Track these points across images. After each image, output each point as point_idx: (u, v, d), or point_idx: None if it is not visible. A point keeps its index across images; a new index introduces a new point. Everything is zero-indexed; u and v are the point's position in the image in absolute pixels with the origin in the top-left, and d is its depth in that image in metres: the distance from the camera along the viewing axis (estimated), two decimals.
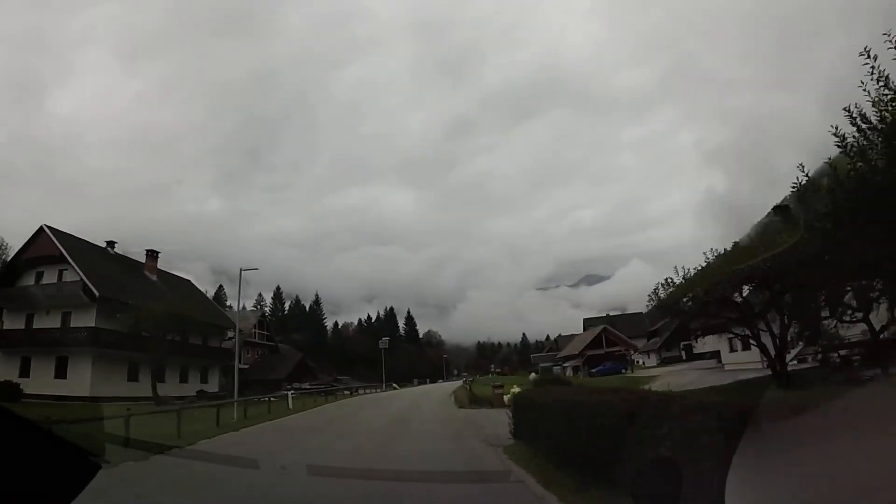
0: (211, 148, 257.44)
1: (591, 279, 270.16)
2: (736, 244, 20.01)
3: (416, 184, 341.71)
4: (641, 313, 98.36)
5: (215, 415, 21.13)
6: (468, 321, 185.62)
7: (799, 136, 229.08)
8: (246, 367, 56.29)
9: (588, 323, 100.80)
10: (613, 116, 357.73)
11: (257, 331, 60.60)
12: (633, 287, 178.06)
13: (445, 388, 52.35)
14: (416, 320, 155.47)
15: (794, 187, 10.58)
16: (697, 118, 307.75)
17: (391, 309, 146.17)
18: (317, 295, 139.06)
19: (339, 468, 9.70)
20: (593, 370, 47.50)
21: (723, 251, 19.78)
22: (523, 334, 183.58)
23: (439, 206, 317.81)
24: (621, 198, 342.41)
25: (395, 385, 73.63)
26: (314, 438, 16.56)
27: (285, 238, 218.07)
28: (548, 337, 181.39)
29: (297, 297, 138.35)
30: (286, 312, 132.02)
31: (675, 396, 6.57)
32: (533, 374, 58.97)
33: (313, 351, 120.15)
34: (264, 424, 21.67)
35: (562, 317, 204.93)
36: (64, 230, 38.52)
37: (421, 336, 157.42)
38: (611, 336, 48.36)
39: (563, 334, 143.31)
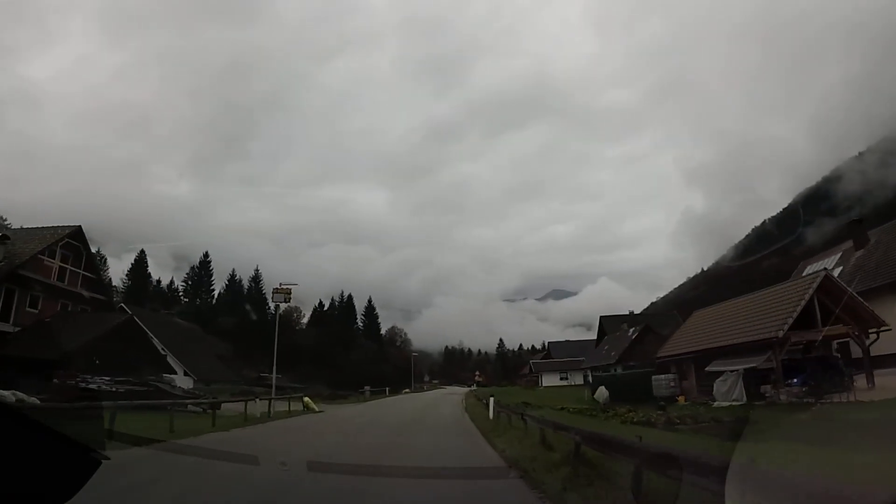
0: (186, 131, 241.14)
1: (559, 294, 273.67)
2: None
3: (393, 185, 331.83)
4: (671, 313, 71.96)
5: None
6: (433, 328, 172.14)
7: (784, 162, 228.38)
8: (13, 329, 25.81)
9: (607, 321, 73.23)
10: (597, 134, 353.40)
11: (65, 266, 29.60)
12: (600, 304, 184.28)
13: (436, 416, 23.99)
14: (381, 321, 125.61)
15: None
16: (681, 140, 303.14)
17: (349, 297, 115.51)
18: (257, 271, 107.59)
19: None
20: (794, 381, 18.95)
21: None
22: (500, 340, 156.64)
23: (414, 209, 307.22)
24: (597, 216, 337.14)
25: (307, 401, 30.84)
26: None
27: (254, 229, 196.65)
28: (521, 346, 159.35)
29: (233, 270, 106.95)
30: (213, 289, 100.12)
31: None
32: (601, 391, 29.86)
33: (246, 340, 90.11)
34: None
35: (528, 329, 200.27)
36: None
37: (383, 332, 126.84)
38: (833, 297, 19.11)
39: (552, 341, 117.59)
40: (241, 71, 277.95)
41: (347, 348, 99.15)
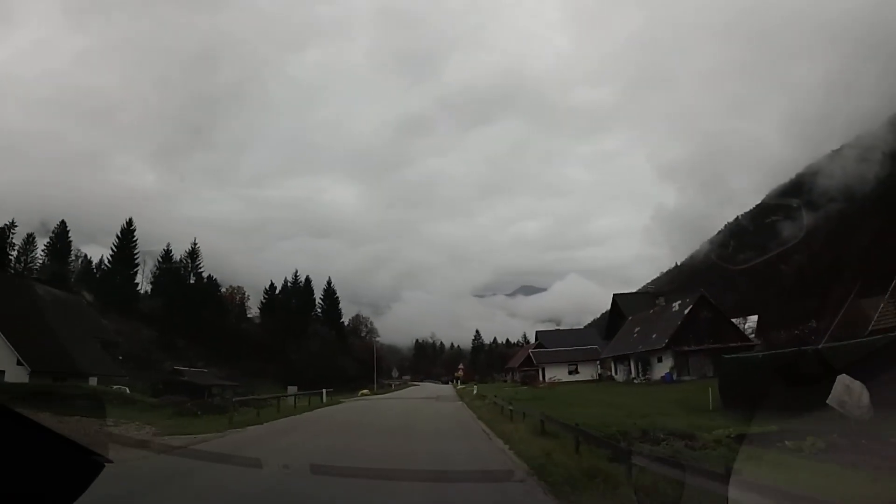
0: (151, 119, 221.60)
1: (528, 290, 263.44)
2: None
3: (363, 179, 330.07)
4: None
5: None
6: (402, 323, 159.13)
7: (758, 158, 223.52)
8: None
9: (624, 300, 59.15)
10: (569, 131, 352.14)
11: None
12: (569, 300, 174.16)
13: None
14: (346, 311, 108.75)
15: None
16: (654, 136, 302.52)
17: (307, 280, 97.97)
18: (194, 245, 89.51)
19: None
20: None
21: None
22: (477, 332, 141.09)
23: (383, 203, 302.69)
24: (567, 213, 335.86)
25: None
26: None
27: (219, 222, 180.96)
28: (495, 339, 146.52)
29: (167, 245, 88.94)
30: (137, 263, 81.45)
31: None
32: (856, 391, 13.27)
33: (174, 325, 73.04)
34: None
35: (499, 324, 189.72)
36: None
37: (346, 322, 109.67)
38: None
39: (541, 330, 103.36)
40: (209, 59, 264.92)
41: (300, 338, 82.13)
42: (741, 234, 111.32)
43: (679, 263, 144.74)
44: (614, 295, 60.66)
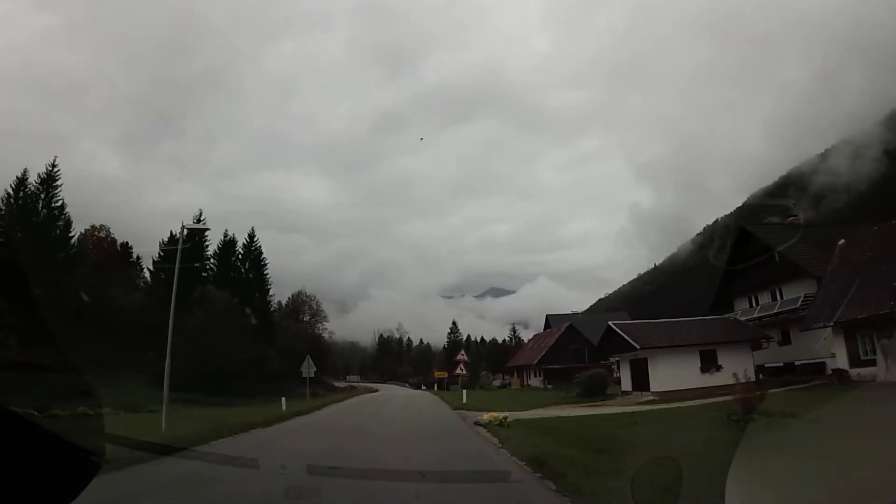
0: (118, 104, 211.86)
1: (497, 292, 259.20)
2: None
3: (334, 174, 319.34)
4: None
5: None
6: (367, 321, 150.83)
7: (738, 160, 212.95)
8: None
9: (766, 233, 30.67)
10: (545, 134, 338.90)
11: None
12: (537, 303, 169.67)
13: None
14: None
15: None
16: (632, 138, 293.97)
17: (227, 236, 66.52)
18: (50, 169, 59.55)
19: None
20: None
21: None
22: (453, 322, 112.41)
23: (354, 200, 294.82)
24: (538, 216, 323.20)
25: None
26: None
27: (184, 213, 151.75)
28: (469, 337, 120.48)
29: (24, 171, 58.46)
30: None
31: None
32: None
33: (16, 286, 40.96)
34: None
35: (466, 325, 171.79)
36: None
37: (286, 302, 79.16)
38: None
39: (551, 314, 76.80)
40: (181, 44, 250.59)
41: (190, 314, 51.30)
42: (725, 235, 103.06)
43: (658, 264, 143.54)
44: (742, 226, 32.70)
